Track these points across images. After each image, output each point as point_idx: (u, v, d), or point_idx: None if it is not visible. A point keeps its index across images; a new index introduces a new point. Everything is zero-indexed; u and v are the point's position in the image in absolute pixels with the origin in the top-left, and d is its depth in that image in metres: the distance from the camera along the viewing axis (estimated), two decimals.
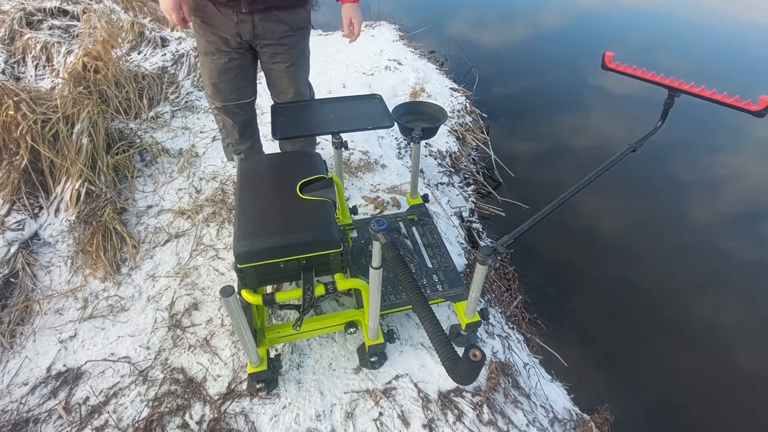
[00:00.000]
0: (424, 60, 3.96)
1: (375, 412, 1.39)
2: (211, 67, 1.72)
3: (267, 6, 1.56)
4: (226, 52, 1.67)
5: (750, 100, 1.26)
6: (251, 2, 1.52)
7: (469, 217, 2.56)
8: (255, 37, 1.63)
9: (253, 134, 2.09)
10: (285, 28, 1.64)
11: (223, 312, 1.68)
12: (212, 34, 1.63)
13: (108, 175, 2.13)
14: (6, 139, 2.02)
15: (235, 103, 1.84)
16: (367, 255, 1.69)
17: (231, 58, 1.69)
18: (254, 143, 2.11)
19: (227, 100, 1.82)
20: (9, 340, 1.58)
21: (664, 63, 4.46)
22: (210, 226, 2.03)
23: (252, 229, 1.19)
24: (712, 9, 5.93)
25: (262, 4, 1.54)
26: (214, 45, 1.65)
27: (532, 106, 3.84)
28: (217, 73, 1.73)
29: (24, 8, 3.40)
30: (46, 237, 1.93)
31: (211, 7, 1.57)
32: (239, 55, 1.70)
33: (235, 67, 1.72)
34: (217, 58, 1.69)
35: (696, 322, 2.20)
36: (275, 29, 1.63)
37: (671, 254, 2.53)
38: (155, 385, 1.45)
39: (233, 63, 1.71)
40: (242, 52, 1.70)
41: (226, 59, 1.69)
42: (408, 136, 1.78)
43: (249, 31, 1.60)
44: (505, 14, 5.85)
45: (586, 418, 1.69)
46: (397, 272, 0.93)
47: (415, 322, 1.66)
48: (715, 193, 2.98)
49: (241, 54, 1.71)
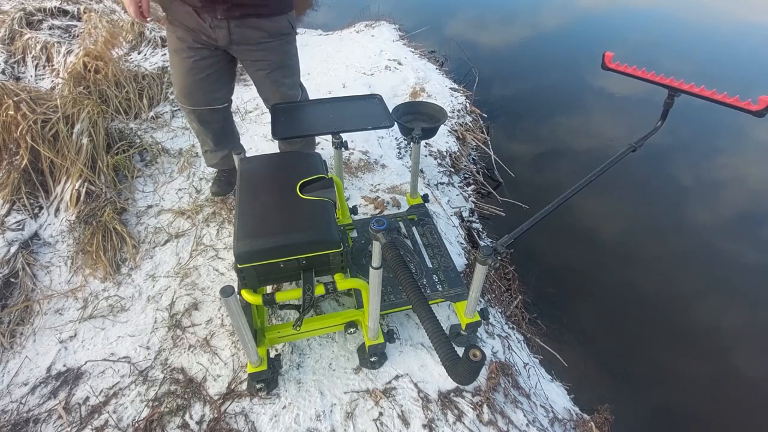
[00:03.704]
0: (424, 60, 3.96)
1: (375, 412, 1.39)
2: (180, 66, 1.59)
3: (243, 14, 1.47)
4: (197, 49, 1.55)
5: (750, 100, 1.26)
6: (226, 9, 1.44)
7: (469, 217, 2.56)
8: (231, 43, 1.54)
9: (230, 141, 1.96)
10: (263, 35, 1.54)
11: (223, 312, 1.68)
12: (183, 30, 1.51)
13: (108, 175, 2.13)
14: (6, 139, 2.02)
15: (206, 108, 1.72)
16: (367, 255, 1.69)
17: (202, 57, 1.57)
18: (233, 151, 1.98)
19: (197, 103, 1.69)
20: (9, 340, 1.58)
21: (664, 63, 4.46)
22: (210, 226, 2.03)
23: (252, 229, 1.19)
24: (712, 9, 5.93)
25: (238, 12, 1.46)
26: (185, 42, 1.53)
27: (532, 106, 3.84)
28: (186, 72, 1.60)
29: (24, 8, 3.40)
30: (46, 237, 1.93)
31: (185, 7, 1.47)
32: (211, 53, 1.58)
33: (207, 66, 1.60)
34: (187, 56, 1.56)
35: (696, 322, 2.20)
36: (253, 35, 1.53)
37: (671, 255, 2.53)
38: (155, 385, 1.45)
39: (205, 62, 1.58)
40: (215, 51, 1.58)
41: (197, 57, 1.56)
42: (408, 136, 1.78)
43: (225, 37, 1.51)
44: (505, 14, 5.85)
45: (586, 418, 1.70)
46: (397, 272, 0.93)
47: (415, 322, 1.66)
48: (715, 195, 2.97)
49: (214, 53, 1.58)
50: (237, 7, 1.44)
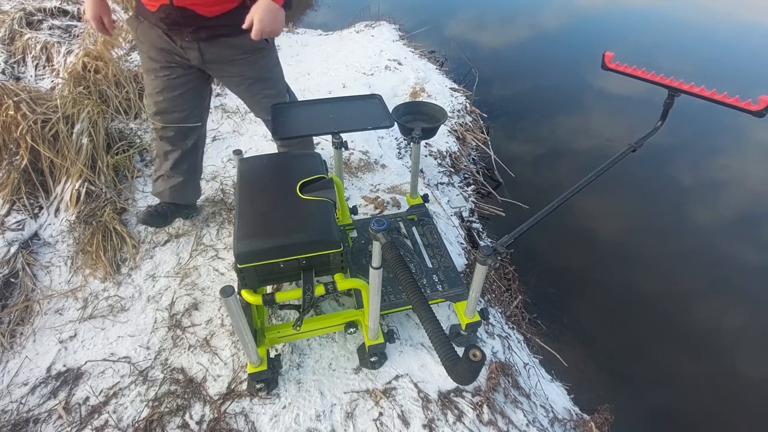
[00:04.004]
0: (424, 60, 3.96)
1: (375, 412, 1.39)
2: (154, 84, 1.56)
3: (211, 35, 1.42)
4: (171, 68, 1.52)
5: (750, 100, 1.26)
6: (193, 32, 1.40)
7: (469, 217, 2.56)
8: (205, 62, 1.50)
9: (188, 172, 1.83)
10: (236, 52, 1.50)
11: (223, 312, 1.68)
12: (154, 50, 1.49)
13: (108, 175, 2.13)
14: (6, 139, 2.02)
15: (179, 125, 1.66)
16: (367, 255, 1.69)
17: (177, 75, 1.55)
18: (188, 180, 1.85)
19: (169, 120, 1.64)
20: (9, 340, 1.58)
21: (664, 63, 4.47)
22: (210, 226, 2.03)
23: (252, 229, 1.19)
24: (712, 9, 5.93)
25: (205, 33, 1.41)
26: (158, 62, 1.51)
27: (533, 107, 3.84)
28: (160, 91, 1.57)
29: (24, 8, 3.40)
30: (46, 237, 1.93)
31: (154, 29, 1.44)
32: (185, 71, 1.55)
33: (182, 84, 1.57)
34: (162, 75, 1.54)
35: (696, 322, 2.20)
36: (225, 54, 1.49)
37: (671, 255, 2.53)
38: (155, 385, 1.45)
39: (179, 80, 1.56)
40: (189, 69, 1.55)
41: (171, 75, 1.54)
42: (408, 136, 1.78)
43: (197, 57, 1.48)
44: (505, 14, 5.85)
45: (586, 418, 1.70)
46: (397, 272, 0.93)
47: (415, 322, 1.66)
48: (715, 195, 2.97)
49: (188, 71, 1.56)
50: (204, 29, 1.40)
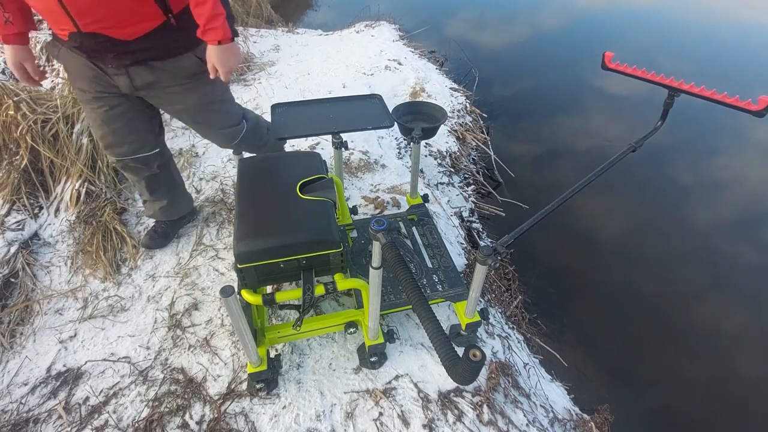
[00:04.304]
0: (424, 60, 3.96)
1: (375, 412, 1.39)
2: (93, 117, 1.43)
3: (137, 60, 1.29)
4: (104, 98, 1.38)
5: (750, 100, 1.26)
6: (115, 57, 1.27)
7: (469, 217, 2.56)
8: (137, 89, 1.37)
9: (169, 191, 1.77)
10: (169, 76, 1.37)
11: (223, 312, 1.68)
12: (82, 80, 1.35)
13: (108, 175, 2.13)
14: (6, 139, 2.02)
15: (132, 157, 1.54)
16: (367, 255, 1.69)
17: (112, 105, 1.40)
18: (173, 199, 1.80)
19: (121, 154, 1.52)
20: (9, 340, 1.58)
21: (664, 63, 4.47)
22: (210, 226, 2.03)
23: (252, 229, 1.19)
24: (712, 9, 5.93)
25: (129, 59, 1.28)
26: (89, 93, 1.37)
27: (533, 107, 3.84)
28: (100, 124, 1.44)
29: None
30: (46, 237, 1.93)
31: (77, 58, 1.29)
32: (121, 100, 1.41)
33: (121, 114, 1.43)
34: (96, 107, 1.40)
35: (696, 322, 2.20)
36: (160, 79, 1.36)
37: (671, 255, 2.53)
38: (155, 385, 1.45)
39: (117, 110, 1.42)
40: (123, 96, 1.41)
41: (106, 106, 1.40)
42: (408, 136, 1.78)
43: (126, 84, 1.34)
44: (505, 14, 5.85)
45: (586, 418, 1.70)
46: (397, 272, 0.93)
47: (415, 322, 1.66)
48: (715, 195, 2.97)
49: (124, 99, 1.41)
50: (126, 54, 1.27)
